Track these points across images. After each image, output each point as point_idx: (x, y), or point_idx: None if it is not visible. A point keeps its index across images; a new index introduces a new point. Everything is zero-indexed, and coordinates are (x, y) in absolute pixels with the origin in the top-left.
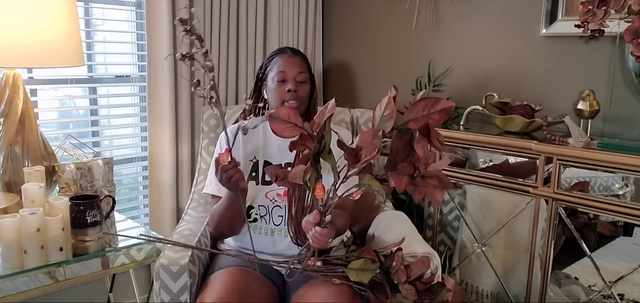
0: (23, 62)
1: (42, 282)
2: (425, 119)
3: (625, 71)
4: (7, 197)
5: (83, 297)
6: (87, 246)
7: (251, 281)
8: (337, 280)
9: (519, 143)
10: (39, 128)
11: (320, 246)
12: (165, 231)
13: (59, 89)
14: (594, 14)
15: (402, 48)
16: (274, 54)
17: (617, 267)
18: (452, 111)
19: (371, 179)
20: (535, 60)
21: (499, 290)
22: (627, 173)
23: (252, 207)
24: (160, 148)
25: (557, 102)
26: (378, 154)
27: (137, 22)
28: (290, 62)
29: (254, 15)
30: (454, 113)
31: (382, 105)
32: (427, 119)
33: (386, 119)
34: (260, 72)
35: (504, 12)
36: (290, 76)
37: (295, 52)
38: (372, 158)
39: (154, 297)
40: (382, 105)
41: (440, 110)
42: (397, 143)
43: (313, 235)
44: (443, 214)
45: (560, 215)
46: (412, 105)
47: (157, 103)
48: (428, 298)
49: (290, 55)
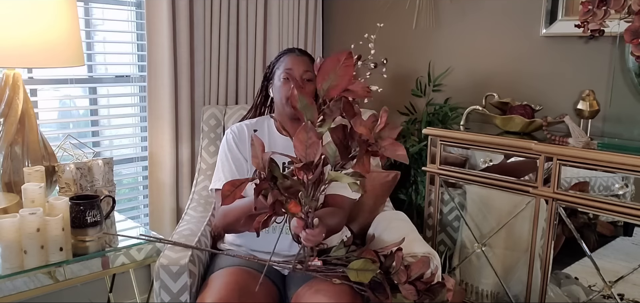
0: (23, 62)
1: (42, 282)
2: (337, 81)
3: (625, 71)
4: (7, 197)
5: (83, 297)
6: (87, 246)
7: (251, 281)
8: (337, 280)
9: (519, 143)
10: (39, 128)
11: (313, 244)
12: (165, 231)
13: (59, 89)
14: (594, 14)
15: (402, 48)
16: (282, 53)
17: (617, 267)
18: (353, 61)
19: (338, 175)
20: (535, 60)
21: (499, 290)
22: (627, 173)
23: None
24: (160, 148)
25: (557, 102)
26: (320, 150)
27: (137, 22)
28: (298, 61)
29: (254, 15)
30: (454, 113)
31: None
32: (339, 80)
33: (310, 111)
34: (267, 71)
35: (503, 12)
36: (296, 74)
37: (303, 52)
38: (316, 157)
39: (154, 297)
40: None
41: (345, 66)
42: (335, 135)
43: (304, 237)
44: (443, 214)
45: (560, 215)
46: (318, 73)
47: (157, 103)
48: (428, 298)
49: (298, 54)
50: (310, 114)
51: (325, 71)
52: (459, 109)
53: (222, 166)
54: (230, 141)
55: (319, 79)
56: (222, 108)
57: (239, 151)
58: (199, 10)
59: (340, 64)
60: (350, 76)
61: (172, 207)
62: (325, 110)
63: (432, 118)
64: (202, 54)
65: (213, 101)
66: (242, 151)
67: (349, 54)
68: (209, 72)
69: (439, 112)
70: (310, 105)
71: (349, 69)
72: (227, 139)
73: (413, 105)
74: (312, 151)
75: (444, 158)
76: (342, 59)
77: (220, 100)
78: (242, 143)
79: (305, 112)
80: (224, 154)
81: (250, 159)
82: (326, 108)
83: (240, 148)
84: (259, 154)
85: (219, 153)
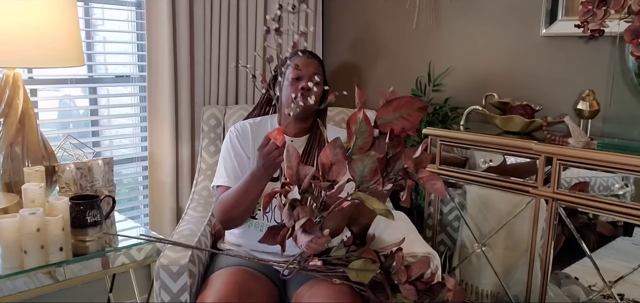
0: (23, 62)
1: (42, 282)
2: (399, 119)
3: (625, 71)
4: (7, 197)
5: (83, 297)
6: (87, 246)
7: (251, 281)
8: (337, 280)
9: (519, 143)
10: (39, 128)
11: (314, 252)
12: (165, 231)
13: (59, 89)
14: (594, 14)
15: (402, 48)
16: (293, 53)
17: (617, 267)
18: (425, 110)
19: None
20: (535, 60)
21: (499, 290)
22: (627, 173)
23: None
24: (160, 148)
25: (557, 102)
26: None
27: (137, 22)
28: (307, 62)
29: (254, 15)
30: (454, 113)
31: (357, 120)
32: (402, 120)
33: (364, 136)
34: (276, 70)
35: (504, 12)
36: (305, 75)
37: (313, 55)
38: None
39: (154, 297)
40: (356, 120)
41: (417, 110)
42: (378, 162)
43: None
44: (443, 214)
45: (560, 215)
46: (387, 104)
47: (157, 103)
48: (428, 298)
49: (309, 56)
50: (362, 141)
51: (396, 106)
52: (459, 109)
53: (224, 164)
54: (233, 139)
55: (385, 109)
56: (222, 108)
57: (242, 149)
58: (199, 10)
59: (413, 109)
60: (414, 124)
61: (172, 207)
62: (376, 142)
63: (432, 118)
64: (202, 54)
65: (213, 101)
66: (245, 149)
67: (424, 106)
68: (209, 72)
69: (439, 112)
70: (368, 134)
71: (417, 118)
72: (230, 137)
73: None
74: (337, 169)
75: (444, 158)
76: (417, 106)
77: (220, 100)
78: (245, 141)
79: (359, 136)
80: (226, 151)
81: (252, 157)
82: (377, 141)
83: (243, 146)
84: (294, 166)
85: (222, 150)
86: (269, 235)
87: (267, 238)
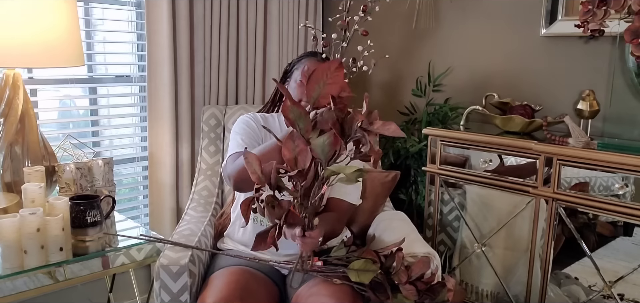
0: (23, 62)
1: (42, 282)
2: (328, 89)
3: (625, 71)
4: (7, 197)
5: (83, 297)
6: (87, 246)
7: (252, 281)
8: (337, 280)
9: (519, 143)
10: (39, 128)
11: (310, 249)
12: (165, 231)
13: (59, 89)
14: (594, 14)
15: (402, 48)
16: (304, 55)
17: (617, 266)
18: (343, 70)
19: (338, 167)
20: (535, 60)
21: (499, 290)
22: (627, 173)
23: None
24: (160, 148)
25: (557, 102)
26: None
27: (137, 22)
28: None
29: (254, 15)
30: (454, 113)
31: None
32: (328, 87)
33: (302, 120)
34: (287, 69)
35: (504, 12)
36: None
37: (326, 59)
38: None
39: (154, 297)
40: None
41: (335, 75)
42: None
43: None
44: (443, 214)
45: (560, 215)
46: (307, 82)
47: (157, 103)
48: (429, 298)
49: (320, 59)
50: (303, 124)
51: (315, 80)
52: (459, 109)
53: (239, 137)
54: (247, 119)
55: (309, 87)
56: (222, 108)
57: (256, 127)
58: (199, 10)
59: (331, 73)
60: (341, 84)
61: (172, 207)
62: (318, 119)
63: (432, 118)
64: (202, 54)
65: (213, 101)
66: (258, 130)
67: (339, 64)
68: (209, 72)
69: (439, 112)
70: (304, 115)
71: (339, 78)
72: (243, 119)
73: (413, 105)
74: (302, 159)
75: (444, 158)
76: (333, 68)
77: (220, 100)
78: (258, 124)
79: (298, 122)
80: (240, 127)
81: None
82: (319, 117)
83: (256, 126)
84: (257, 169)
85: (232, 131)
86: (259, 240)
87: (257, 244)
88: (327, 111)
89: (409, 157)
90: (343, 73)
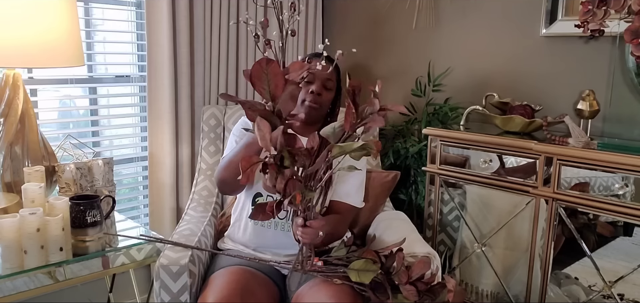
0: (23, 62)
1: (42, 282)
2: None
3: (625, 71)
4: (7, 197)
5: (83, 297)
6: (87, 246)
7: (252, 280)
8: (338, 280)
9: (519, 143)
10: (39, 128)
11: (310, 240)
12: (165, 231)
13: (59, 89)
14: (594, 14)
15: (402, 48)
16: (311, 56)
17: (617, 267)
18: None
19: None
20: (535, 60)
21: (499, 290)
22: (627, 173)
23: (260, 195)
24: (160, 148)
25: (557, 102)
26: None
27: (137, 22)
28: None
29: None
30: (454, 113)
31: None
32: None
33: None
34: None
35: (504, 12)
36: (318, 78)
37: (330, 60)
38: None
39: (154, 297)
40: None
41: (271, 70)
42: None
43: (301, 233)
44: (443, 214)
45: (560, 215)
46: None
47: (157, 103)
48: (429, 298)
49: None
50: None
51: (258, 81)
52: (459, 109)
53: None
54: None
55: (258, 89)
56: (222, 108)
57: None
58: (199, 10)
59: (266, 69)
60: (278, 73)
61: (172, 207)
62: (277, 110)
63: (432, 118)
64: (202, 54)
65: (213, 101)
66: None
67: (268, 60)
68: (209, 72)
69: (439, 112)
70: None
71: (275, 70)
72: (243, 120)
73: (413, 105)
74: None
75: (444, 158)
76: (263, 65)
77: (220, 100)
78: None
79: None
80: (238, 128)
81: None
82: (278, 107)
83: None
84: (267, 135)
85: (233, 130)
86: (258, 210)
87: (256, 213)
88: (285, 94)
89: (409, 157)
90: (276, 65)
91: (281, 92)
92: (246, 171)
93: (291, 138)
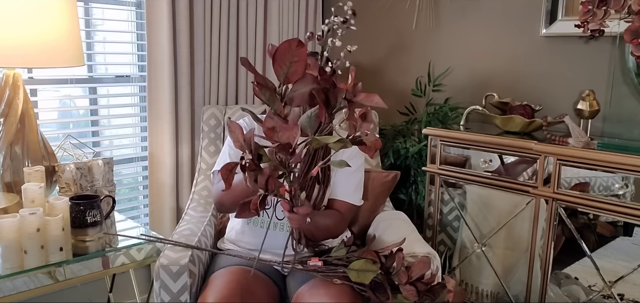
0: (23, 62)
1: (42, 282)
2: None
3: (625, 71)
4: (7, 197)
5: (83, 297)
6: (87, 246)
7: (252, 280)
8: (338, 280)
9: (519, 143)
10: (39, 128)
11: (298, 225)
12: (165, 231)
13: (59, 89)
14: (594, 14)
15: (402, 48)
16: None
17: (617, 267)
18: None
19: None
20: (535, 60)
21: (499, 290)
22: (627, 173)
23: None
24: (160, 148)
25: (557, 102)
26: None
27: (137, 22)
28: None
29: (254, 15)
30: (454, 113)
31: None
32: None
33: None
34: None
35: (504, 12)
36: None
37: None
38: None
39: (154, 297)
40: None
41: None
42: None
43: (289, 217)
44: (443, 214)
45: (560, 215)
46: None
47: (157, 103)
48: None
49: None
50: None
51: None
52: (459, 109)
53: (226, 150)
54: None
55: (276, 67)
56: (222, 108)
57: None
58: (199, 10)
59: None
60: (305, 61)
61: (172, 207)
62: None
63: (432, 118)
64: (202, 54)
65: (213, 101)
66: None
67: (299, 42)
68: (209, 72)
69: (439, 112)
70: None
71: (302, 55)
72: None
73: (413, 105)
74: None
75: (444, 158)
76: (294, 45)
77: (220, 100)
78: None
79: (271, 104)
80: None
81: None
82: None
83: None
84: (240, 137)
85: (227, 140)
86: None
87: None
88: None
89: (409, 157)
90: (305, 50)
91: (297, 79)
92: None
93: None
